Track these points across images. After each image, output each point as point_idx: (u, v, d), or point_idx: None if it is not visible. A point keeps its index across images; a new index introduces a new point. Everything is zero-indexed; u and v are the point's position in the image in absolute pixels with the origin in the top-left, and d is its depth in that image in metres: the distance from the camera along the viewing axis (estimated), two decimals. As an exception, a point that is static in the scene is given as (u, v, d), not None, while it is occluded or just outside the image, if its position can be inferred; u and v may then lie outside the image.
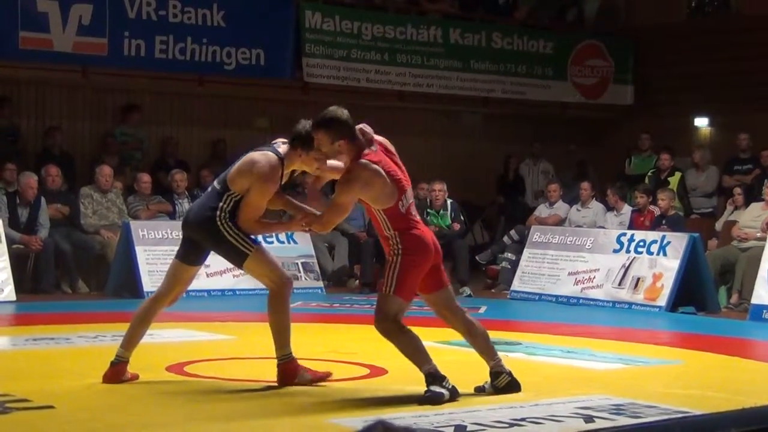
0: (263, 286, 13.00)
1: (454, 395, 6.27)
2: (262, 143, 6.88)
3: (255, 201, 6.55)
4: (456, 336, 9.32)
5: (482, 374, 7.47)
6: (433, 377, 6.27)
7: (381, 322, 6.34)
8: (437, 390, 6.21)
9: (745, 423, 3.63)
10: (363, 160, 6.29)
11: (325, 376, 6.81)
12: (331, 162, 6.55)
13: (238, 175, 6.62)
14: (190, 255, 6.74)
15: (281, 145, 6.70)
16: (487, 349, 6.62)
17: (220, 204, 6.59)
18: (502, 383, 6.54)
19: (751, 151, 15.42)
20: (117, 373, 6.66)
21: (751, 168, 15.20)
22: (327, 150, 6.38)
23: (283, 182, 6.77)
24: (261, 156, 6.60)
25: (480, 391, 6.55)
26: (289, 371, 6.69)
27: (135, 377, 6.73)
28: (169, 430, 5.55)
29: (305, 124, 6.54)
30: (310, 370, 6.79)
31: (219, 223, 6.57)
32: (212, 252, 6.81)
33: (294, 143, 6.57)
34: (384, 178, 6.28)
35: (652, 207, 13.60)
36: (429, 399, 6.17)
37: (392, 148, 6.57)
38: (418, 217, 6.54)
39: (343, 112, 6.36)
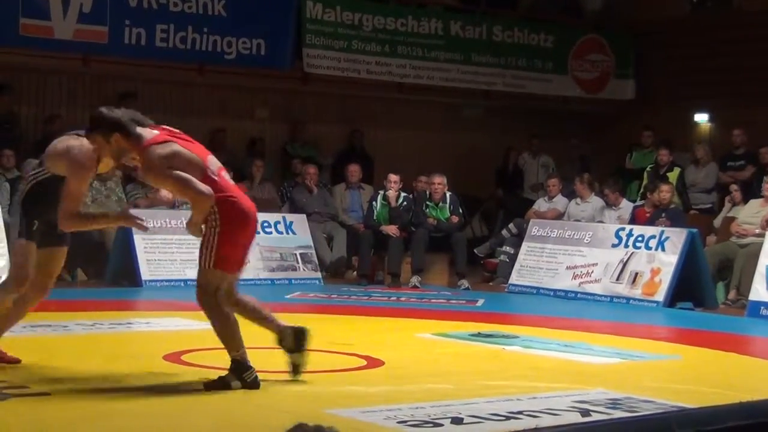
0: (260, 276, 13.02)
1: (252, 388, 6.21)
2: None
3: (73, 188, 6.35)
4: (452, 328, 9.37)
5: (478, 365, 7.49)
6: (238, 366, 6.25)
7: (201, 296, 6.31)
8: (230, 381, 6.19)
9: (741, 417, 3.62)
10: (150, 146, 6.21)
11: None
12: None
13: (52, 157, 6.47)
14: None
15: None
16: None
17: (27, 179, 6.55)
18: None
19: (745, 147, 15.41)
20: None
21: (743, 164, 15.19)
22: (107, 150, 6.29)
23: (104, 171, 6.65)
24: (76, 141, 6.44)
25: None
26: None
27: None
28: (165, 419, 5.55)
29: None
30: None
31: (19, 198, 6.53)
32: None
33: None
34: (178, 146, 6.24)
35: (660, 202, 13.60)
36: (216, 385, 6.17)
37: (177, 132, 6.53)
38: (233, 184, 6.48)
39: (111, 111, 6.31)
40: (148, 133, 6.32)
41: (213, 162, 6.37)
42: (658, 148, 15.96)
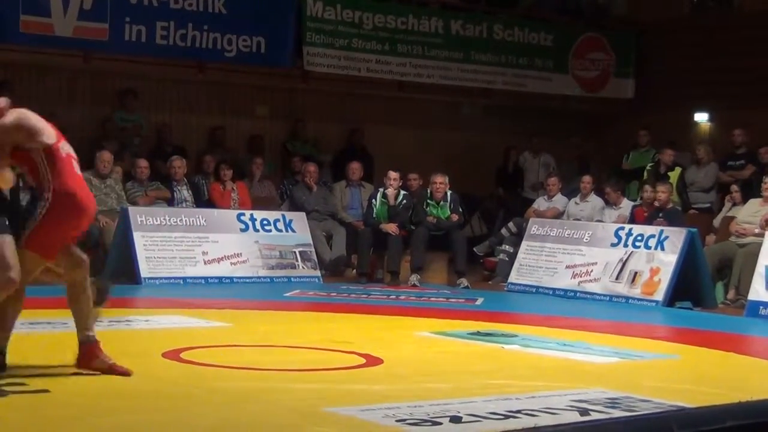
0: (259, 274, 13.01)
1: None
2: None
3: None
4: (451, 327, 9.37)
5: (477, 364, 7.49)
6: None
7: None
8: None
9: (740, 417, 3.64)
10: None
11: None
12: None
13: None
14: None
15: None
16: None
17: None
18: None
19: (745, 146, 15.42)
20: None
21: (744, 164, 15.20)
22: None
23: None
24: None
25: None
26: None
27: None
28: (164, 416, 5.55)
29: None
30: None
31: None
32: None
33: None
34: (34, 114, 6.27)
35: (656, 202, 13.60)
36: None
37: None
38: (81, 175, 6.44)
39: None
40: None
41: (65, 145, 6.38)
42: (655, 147, 15.96)
